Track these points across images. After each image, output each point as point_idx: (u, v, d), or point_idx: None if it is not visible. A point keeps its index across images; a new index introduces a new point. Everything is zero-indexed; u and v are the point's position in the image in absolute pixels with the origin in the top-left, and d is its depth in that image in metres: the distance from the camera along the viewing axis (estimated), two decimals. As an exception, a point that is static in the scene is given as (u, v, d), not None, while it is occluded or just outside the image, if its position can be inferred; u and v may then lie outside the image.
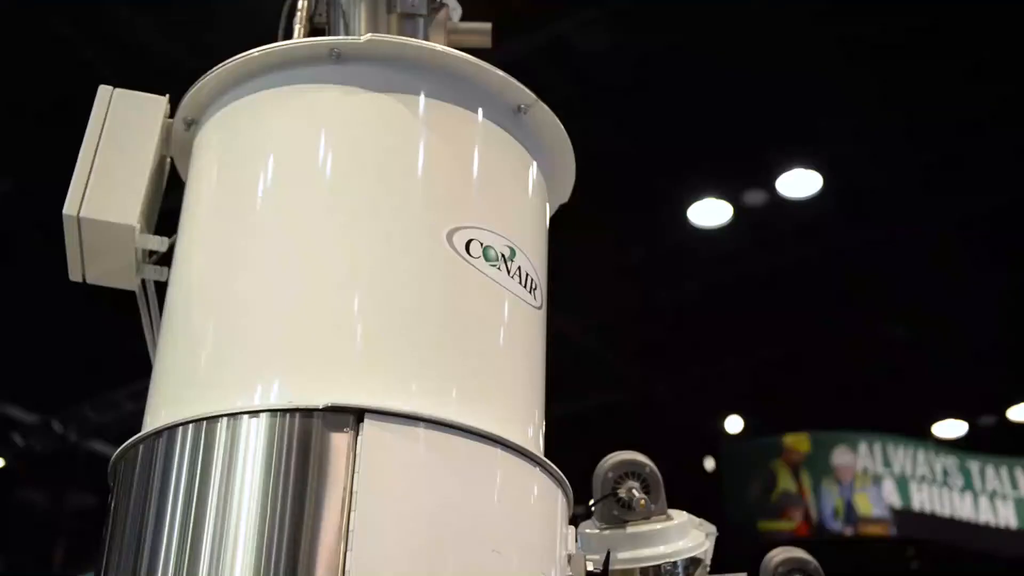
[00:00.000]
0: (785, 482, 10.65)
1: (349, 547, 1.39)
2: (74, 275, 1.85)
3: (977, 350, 8.91)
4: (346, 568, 1.38)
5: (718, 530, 2.37)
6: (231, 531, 1.41)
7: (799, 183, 7.18)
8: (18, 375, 8.28)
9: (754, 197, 7.42)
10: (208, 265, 1.67)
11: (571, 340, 8.20)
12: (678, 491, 2.36)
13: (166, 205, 1.90)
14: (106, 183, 1.79)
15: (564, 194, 2.02)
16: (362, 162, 1.67)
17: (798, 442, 10.73)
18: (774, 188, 7.21)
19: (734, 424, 11.14)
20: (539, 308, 1.78)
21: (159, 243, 1.83)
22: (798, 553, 2.66)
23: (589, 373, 8.74)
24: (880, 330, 8.72)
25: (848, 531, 10.41)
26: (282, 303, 1.57)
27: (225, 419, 1.48)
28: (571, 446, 1.67)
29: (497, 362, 1.65)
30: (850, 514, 10.41)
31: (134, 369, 1.71)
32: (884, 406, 10.09)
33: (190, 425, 1.49)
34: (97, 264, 1.82)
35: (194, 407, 1.51)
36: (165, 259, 1.82)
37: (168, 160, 1.95)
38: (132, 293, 1.87)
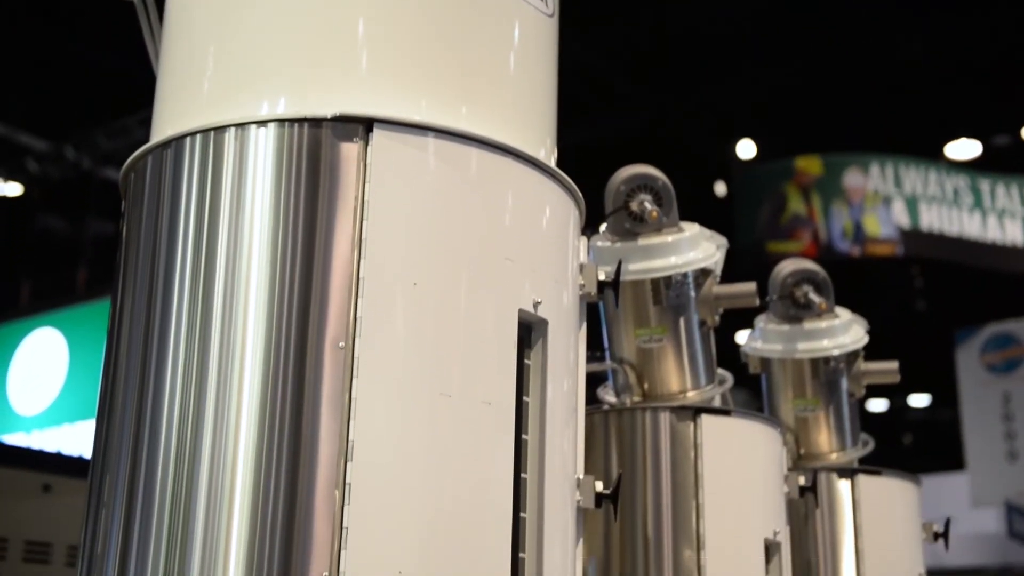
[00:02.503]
0: (795, 204, 10.69)
1: (363, 255, 1.41)
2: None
3: (992, 68, 8.73)
4: (360, 274, 1.40)
5: (728, 253, 2.39)
6: (245, 243, 1.41)
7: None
8: (28, 101, 8.21)
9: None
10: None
11: (580, 63, 8.04)
12: (688, 217, 2.36)
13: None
14: None
15: None
16: None
17: (809, 164, 10.71)
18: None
19: (746, 148, 11.08)
20: (551, 16, 1.72)
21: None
22: (807, 264, 2.70)
23: (598, 98, 8.61)
24: (895, 49, 8.51)
25: (856, 251, 10.54)
26: (288, 12, 1.52)
27: (233, 129, 1.46)
28: (580, 173, 1.65)
29: (509, 70, 1.62)
30: (858, 234, 10.51)
31: (146, 96, 1.66)
32: (897, 127, 9.99)
33: (198, 136, 1.48)
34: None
35: (201, 119, 1.49)
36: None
37: None
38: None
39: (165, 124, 1.58)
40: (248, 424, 1.35)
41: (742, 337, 2.83)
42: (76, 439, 6.89)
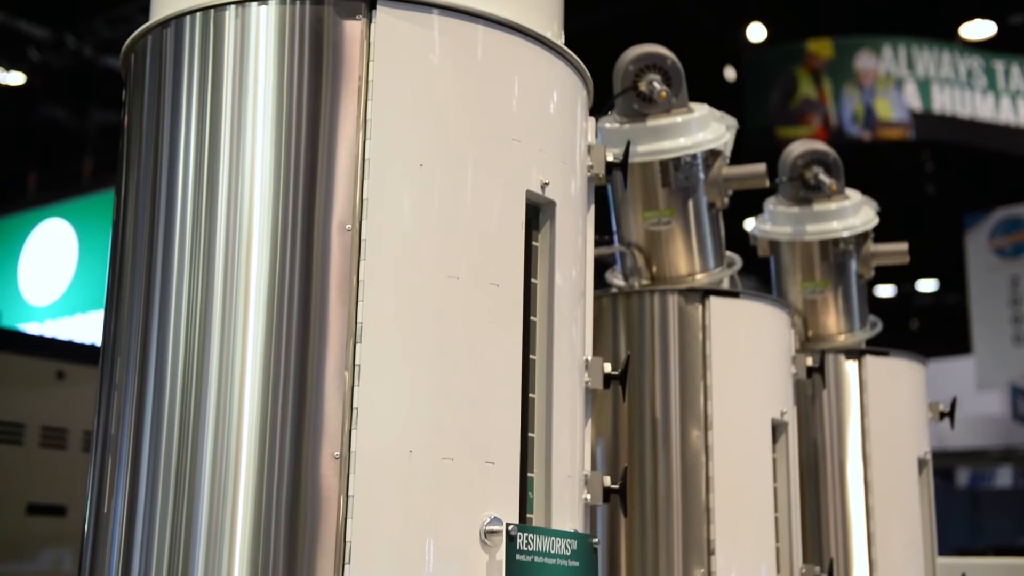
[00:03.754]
0: (806, 88, 10.56)
1: (368, 136, 1.39)
2: None
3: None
4: (365, 156, 1.39)
5: (737, 139, 2.36)
6: (248, 124, 1.40)
7: None
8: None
9: None
10: None
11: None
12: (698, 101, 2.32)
13: None
14: None
15: None
16: None
17: (820, 47, 10.54)
18: None
19: (756, 32, 10.90)
20: None
21: None
22: (818, 145, 2.67)
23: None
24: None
25: (866, 136, 10.45)
26: None
27: (233, 7, 1.43)
28: (587, 58, 1.61)
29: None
30: (869, 118, 10.40)
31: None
32: (911, 7, 9.80)
33: (197, 14, 1.45)
34: None
35: (200, -2, 1.46)
36: None
37: None
38: None
39: (164, 3, 1.54)
40: (256, 307, 1.35)
41: (751, 225, 2.81)
42: (88, 328, 6.95)
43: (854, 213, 2.67)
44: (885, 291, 13.50)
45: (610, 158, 1.73)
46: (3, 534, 3.43)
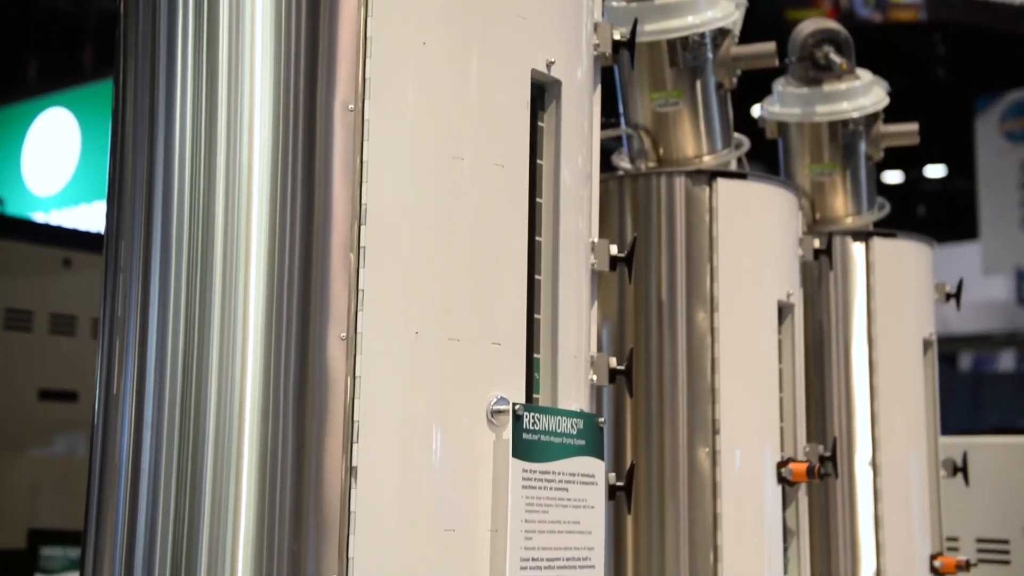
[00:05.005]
0: (817, -33, 10.35)
1: (370, 13, 1.37)
2: None
3: None
4: (367, 34, 1.36)
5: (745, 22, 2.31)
6: (247, 5, 1.37)
7: None
8: None
9: None
10: None
11: None
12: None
13: None
14: None
15: None
16: None
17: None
18: None
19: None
20: None
21: None
22: (829, 24, 2.62)
23: None
24: None
25: (877, 17, 10.27)
26: None
27: None
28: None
29: None
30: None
31: None
32: None
33: None
34: None
35: None
36: None
37: None
38: None
39: None
40: (260, 188, 1.34)
41: (759, 109, 2.77)
42: (94, 218, 6.95)
43: (864, 93, 2.63)
44: (893, 177, 13.41)
45: (617, 37, 1.71)
46: (17, 419, 3.48)
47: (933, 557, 2.52)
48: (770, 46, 2.26)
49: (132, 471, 1.36)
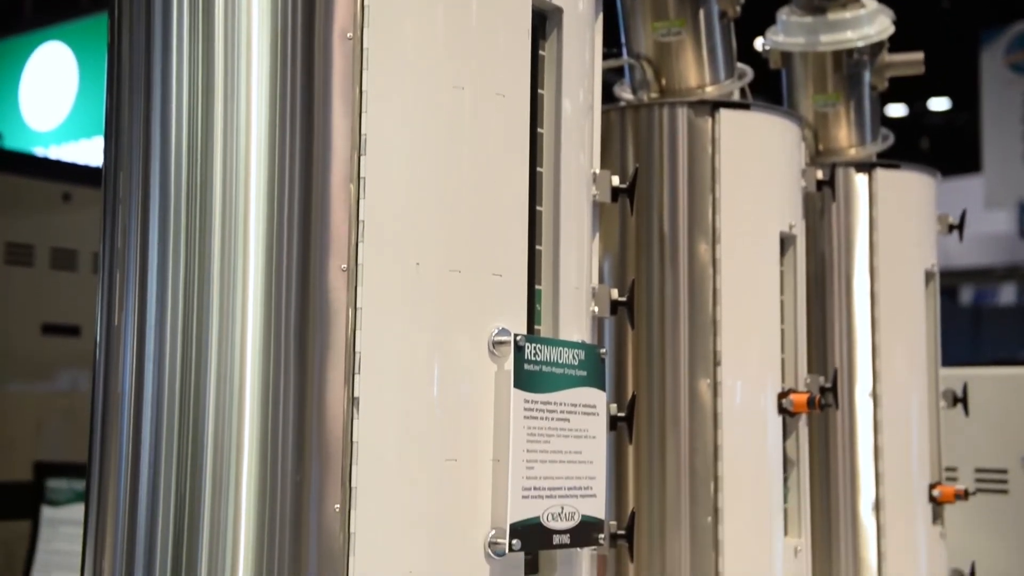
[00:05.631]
0: None
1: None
2: None
3: None
4: (366, -40, 1.34)
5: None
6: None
7: None
8: None
9: None
10: None
11: None
12: None
13: None
14: None
15: None
16: None
17: None
18: None
19: None
20: None
21: None
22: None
23: None
24: None
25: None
26: None
27: None
28: None
29: None
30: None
31: None
32: None
33: None
34: None
35: None
36: None
37: None
38: None
39: None
40: (259, 116, 1.33)
41: (762, 42, 2.74)
42: (93, 154, 6.91)
43: (869, 22, 2.59)
44: (896, 110, 13.31)
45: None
46: (20, 353, 3.50)
47: (932, 487, 2.54)
48: (774, -27, 2.23)
49: (135, 402, 1.36)
